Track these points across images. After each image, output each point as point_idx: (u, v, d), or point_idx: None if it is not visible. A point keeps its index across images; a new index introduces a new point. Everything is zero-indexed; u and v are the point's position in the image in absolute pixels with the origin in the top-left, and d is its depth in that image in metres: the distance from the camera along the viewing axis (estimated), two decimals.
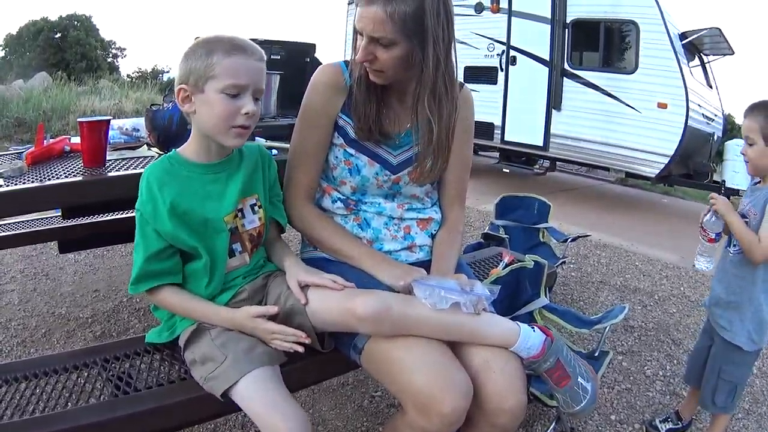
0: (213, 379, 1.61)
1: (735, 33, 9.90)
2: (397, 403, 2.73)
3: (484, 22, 9.07)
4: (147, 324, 3.47)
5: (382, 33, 1.70)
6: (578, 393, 1.68)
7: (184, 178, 1.70)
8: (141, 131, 2.75)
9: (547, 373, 1.70)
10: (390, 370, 1.66)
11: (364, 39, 1.74)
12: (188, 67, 1.63)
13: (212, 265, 1.74)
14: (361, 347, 1.73)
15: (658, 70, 7.48)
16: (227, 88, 1.61)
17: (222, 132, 1.66)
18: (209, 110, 1.64)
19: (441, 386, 1.55)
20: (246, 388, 1.58)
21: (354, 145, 1.95)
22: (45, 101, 13.51)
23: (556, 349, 1.70)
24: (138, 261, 1.67)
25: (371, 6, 1.68)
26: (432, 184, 2.09)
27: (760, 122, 2.25)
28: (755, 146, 2.28)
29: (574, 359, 1.73)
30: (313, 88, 1.96)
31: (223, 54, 1.61)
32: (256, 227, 1.84)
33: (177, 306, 1.75)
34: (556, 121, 8.43)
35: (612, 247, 5.83)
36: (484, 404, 1.64)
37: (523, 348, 1.67)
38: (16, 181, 2.06)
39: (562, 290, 4.49)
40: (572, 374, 1.69)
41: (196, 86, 1.63)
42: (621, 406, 2.89)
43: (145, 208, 1.66)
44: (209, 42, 1.64)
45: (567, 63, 8.30)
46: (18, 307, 3.73)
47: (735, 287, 2.37)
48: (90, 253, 4.68)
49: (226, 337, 1.70)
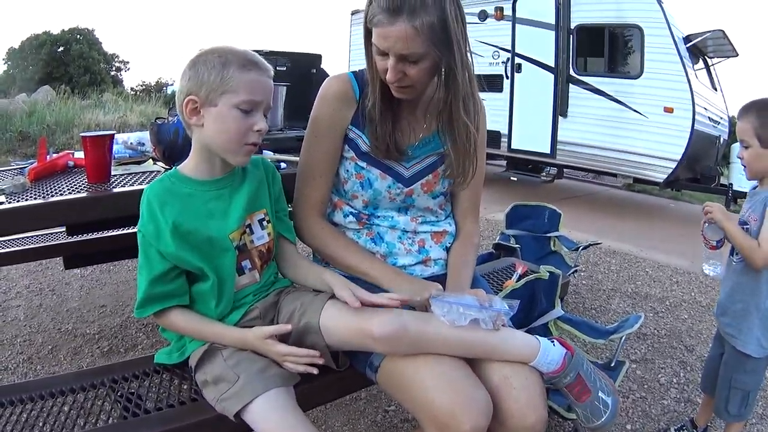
0: (226, 400, 1.57)
1: (738, 34, 9.83)
2: (410, 417, 2.70)
3: (488, 30, 9.05)
4: (155, 340, 3.44)
5: (412, 49, 1.65)
6: (599, 408, 1.65)
7: (185, 197, 1.65)
8: (146, 145, 2.72)
9: (567, 387, 1.66)
10: (408, 389, 1.62)
11: (391, 58, 1.68)
12: (199, 78, 1.57)
13: (220, 285, 1.69)
14: (377, 365, 1.69)
15: (664, 74, 7.47)
16: (243, 103, 1.58)
17: (233, 149, 1.63)
18: (220, 125, 1.60)
19: (461, 405, 1.51)
20: (260, 409, 1.54)
21: (365, 158, 1.91)
22: (49, 115, 13.52)
23: (577, 364, 1.66)
24: (142, 284, 1.63)
25: (396, 24, 1.61)
26: (445, 196, 2.05)
27: (753, 123, 2.23)
28: (750, 149, 2.25)
29: (594, 373, 1.69)
30: (322, 101, 1.92)
31: (239, 68, 1.57)
32: (265, 243, 1.80)
33: (187, 328, 1.71)
34: (562, 127, 8.42)
35: (622, 253, 5.79)
36: (505, 421, 1.60)
37: (543, 363, 1.64)
38: (18, 197, 2.03)
39: (574, 299, 4.45)
40: (593, 389, 1.66)
41: (207, 99, 1.58)
42: (636, 415, 2.85)
43: (147, 229, 1.62)
44: (222, 53, 1.59)
45: (572, 69, 8.28)
46: (24, 323, 3.70)
47: (740, 295, 2.34)
48: (96, 268, 4.66)
49: (239, 357, 1.66)
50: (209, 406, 1.64)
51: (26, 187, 2.15)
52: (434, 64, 1.72)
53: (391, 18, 1.60)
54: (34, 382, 1.89)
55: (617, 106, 7.83)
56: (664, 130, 7.41)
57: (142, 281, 1.63)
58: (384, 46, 1.66)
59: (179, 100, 1.63)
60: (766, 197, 2.21)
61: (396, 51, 1.65)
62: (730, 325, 2.38)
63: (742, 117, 2.28)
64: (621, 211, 8.30)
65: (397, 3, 1.59)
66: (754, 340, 2.29)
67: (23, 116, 13.03)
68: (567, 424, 2.62)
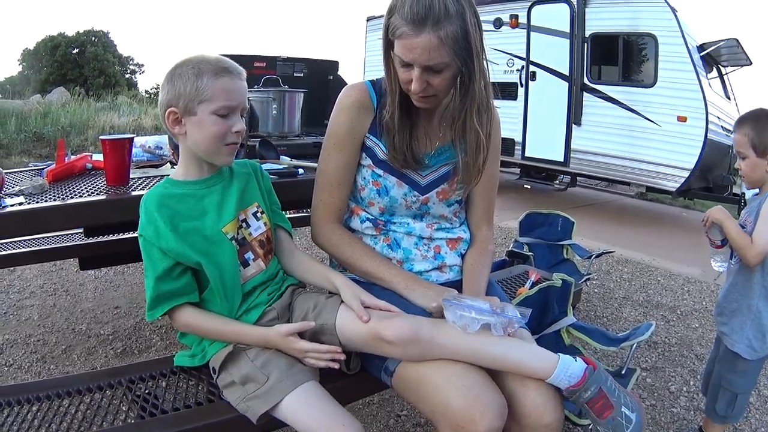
0: (254, 399, 1.61)
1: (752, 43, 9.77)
2: (423, 422, 2.71)
3: (503, 38, 9.06)
4: (169, 342, 3.47)
5: (437, 59, 1.67)
6: (621, 424, 1.61)
7: (180, 197, 1.72)
8: (164, 149, 2.75)
9: (588, 404, 1.62)
10: (424, 392, 1.63)
11: (415, 70, 1.70)
12: (176, 91, 1.65)
13: (222, 279, 1.72)
14: (392, 369, 1.71)
15: (677, 83, 7.45)
16: (220, 109, 1.66)
17: (215, 151, 1.71)
18: (201, 131, 1.67)
19: (477, 407, 1.53)
20: (297, 402, 1.59)
21: (382, 165, 1.93)
22: (63, 116, 13.59)
23: (599, 379, 1.63)
24: (149, 285, 1.66)
25: (421, 35, 1.63)
26: (459, 204, 2.07)
27: (749, 134, 2.30)
28: (747, 159, 2.33)
29: (618, 389, 1.66)
30: (340, 109, 1.94)
31: (212, 76, 1.65)
32: (263, 232, 1.85)
33: (205, 328, 1.73)
34: (576, 136, 8.40)
35: (634, 262, 5.79)
36: (522, 419, 1.62)
37: (563, 376, 1.61)
38: (37, 198, 2.06)
39: (586, 306, 4.46)
40: (616, 404, 1.62)
41: (186, 109, 1.65)
42: (646, 423, 2.84)
43: (146, 231, 1.66)
44: (195, 64, 1.66)
45: (586, 77, 8.28)
46: (37, 322, 3.73)
47: (735, 295, 2.41)
48: (110, 269, 4.69)
49: (266, 357, 1.69)
50: (227, 407, 1.66)
51: (45, 189, 2.18)
52: (456, 73, 1.74)
53: (416, 29, 1.62)
54: (51, 381, 1.91)
55: (631, 114, 7.81)
56: (678, 139, 7.39)
57: (149, 283, 1.66)
58: (409, 58, 1.68)
59: (161, 112, 1.71)
60: (761, 201, 2.28)
61: (421, 62, 1.67)
62: (724, 324, 2.45)
63: (738, 129, 2.35)
64: (633, 220, 8.28)
65: (422, 14, 1.61)
66: (744, 339, 2.36)
67: (38, 117, 13.10)
68: (578, 430, 2.62)
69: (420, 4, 1.61)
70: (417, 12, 1.61)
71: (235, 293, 1.75)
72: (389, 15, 1.69)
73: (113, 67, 42.86)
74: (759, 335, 2.33)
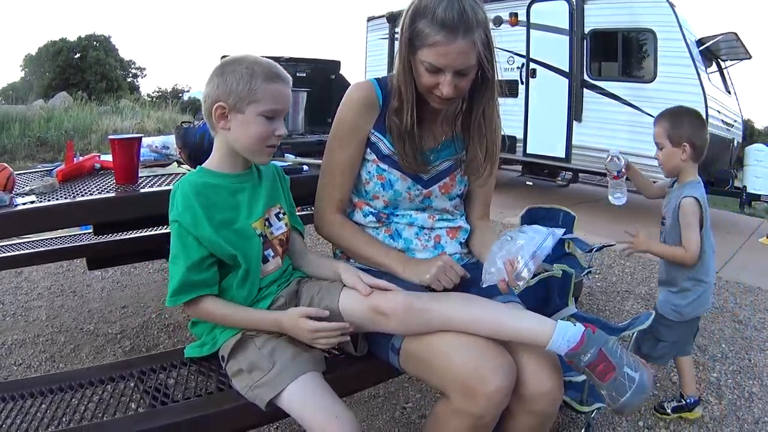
0: (260, 387, 1.65)
1: (751, 36, 9.85)
2: (428, 412, 2.74)
3: (503, 36, 9.05)
4: (177, 340, 3.50)
5: (469, 63, 1.74)
6: (624, 384, 1.57)
7: (215, 187, 1.76)
8: (170, 149, 2.79)
9: (590, 367, 1.60)
10: (431, 362, 1.68)
11: (447, 75, 1.75)
12: (228, 87, 1.69)
13: (247, 273, 1.77)
14: (398, 347, 1.76)
15: (677, 77, 7.48)
16: (267, 112, 1.71)
17: (257, 151, 1.76)
18: (246, 130, 1.72)
19: (486, 367, 1.58)
20: (296, 392, 1.62)
21: (386, 160, 1.98)
22: (66, 121, 13.71)
23: (598, 340, 1.61)
24: (178, 272, 1.69)
25: (456, 41, 1.68)
26: (460, 198, 2.12)
27: (665, 126, 2.68)
28: (664, 149, 2.69)
29: (621, 350, 1.63)
30: (347, 105, 1.99)
31: (265, 80, 1.70)
32: (283, 232, 1.90)
33: (222, 316, 1.77)
34: (577, 132, 8.42)
35: (636, 256, 5.78)
36: (520, 389, 1.66)
37: (561, 340, 1.61)
38: (48, 197, 2.10)
39: (588, 300, 4.49)
40: (617, 365, 1.59)
41: (235, 106, 1.70)
42: (649, 412, 2.88)
43: (184, 217, 1.69)
44: (249, 64, 1.71)
45: (586, 74, 8.31)
46: (46, 323, 3.77)
47: (664, 269, 2.85)
48: (117, 270, 4.73)
49: (273, 345, 1.74)
50: (236, 396, 1.70)
51: (55, 188, 2.22)
52: (477, 73, 1.81)
53: (451, 35, 1.68)
54: (65, 374, 1.96)
55: (631, 110, 7.83)
56: None
57: (177, 270, 1.69)
58: (442, 64, 1.73)
59: (206, 104, 1.74)
60: (678, 195, 2.62)
61: (455, 66, 1.73)
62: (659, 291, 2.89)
63: (657, 122, 2.73)
64: (635, 215, 8.28)
65: (456, 21, 1.67)
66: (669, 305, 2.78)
67: (41, 122, 13.17)
68: (580, 419, 2.66)
69: (454, 10, 1.67)
70: (452, 18, 1.67)
71: (254, 286, 1.81)
72: (413, 21, 1.73)
73: (115, 71, 42.94)
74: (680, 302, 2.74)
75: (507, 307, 1.75)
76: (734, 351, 3.68)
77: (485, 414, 1.60)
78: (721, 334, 3.90)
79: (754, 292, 4.88)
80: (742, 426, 2.84)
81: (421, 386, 3.03)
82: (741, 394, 3.15)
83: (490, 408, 1.58)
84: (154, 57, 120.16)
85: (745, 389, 3.20)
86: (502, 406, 1.62)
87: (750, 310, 4.45)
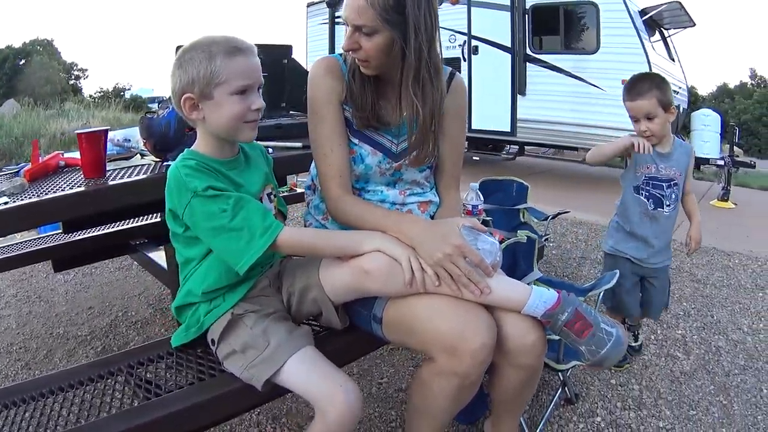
0: (257, 365, 1.65)
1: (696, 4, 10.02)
2: (404, 386, 2.80)
3: (444, 14, 9.02)
4: (146, 336, 3.48)
5: (363, 21, 1.76)
6: (603, 338, 1.65)
7: (213, 171, 1.69)
8: (132, 141, 2.78)
9: (567, 326, 1.67)
10: (413, 325, 1.72)
11: (349, 28, 1.82)
12: (189, 76, 1.64)
13: None
14: (380, 316, 1.80)
15: (621, 47, 7.65)
16: (237, 89, 1.65)
17: (237, 129, 1.70)
18: (220, 113, 1.67)
19: (468, 326, 1.63)
20: (296, 366, 1.63)
21: (357, 135, 2.01)
22: (16, 127, 13.65)
23: (573, 301, 1.70)
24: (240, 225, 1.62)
25: None
26: (430, 169, 2.15)
27: (657, 96, 2.67)
28: (657, 119, 2.70)
29: (594, 311, 1.72)
30: (314, 79, 1.99)
31: (225, 57, 1.63)
32: (273, 214, 1.86)
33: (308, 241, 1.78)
34: (521, 105, 8.57)
35: (588, 223, 5.94)
36: (505, 344, 1.71)
37: (538, 302, 1.68)
38: (20, 197, 2.08)
39: (545, 267, 4.58)
40: (594, 322, 1.67)
41: (202, 93, 1.64)
42: (620, 371, 2.99)
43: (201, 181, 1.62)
44: (204, 47, 1.64)
45: (529, 48, 8.41)
46: (16, 331, 3.72)
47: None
48: (78, 271, 4.66)
49: (265, 324, 1.73)
50: (230, 379, 1.70)
51: (25, 188, 2.21)
52: (388, 42, 1.81)
53: None
54: (52, 376, 1.88)
55: (575, 81, 7.99)
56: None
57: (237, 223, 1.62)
58: (344, 16, 1.82)
59: (175, 99, 1.70)
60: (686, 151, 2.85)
61: (351, 20, 1.79)
62: None
63: (643, 96, 2.68)
64: (583, 184, 8.45)
65: None
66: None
67: None
68: (556, 379, 2.75)
69: None
70: None
71: None
72: None
73: (58, 75, 42.34)
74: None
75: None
76: (696, 308, 3.83)
77: (471, 372, 1.65)
78: (681, 293, 4.04)
79: (709, 253, 5.03)
80: (713, 379, 2.96)
81: (393, 361, 3.08)
82: (708, 348, 3.28)
83: (474, 366, 1.63)
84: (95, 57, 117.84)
85: (712, 344, 3.33)
86: (486, 364, 1.67)
87: (707, 270, 4.61)
